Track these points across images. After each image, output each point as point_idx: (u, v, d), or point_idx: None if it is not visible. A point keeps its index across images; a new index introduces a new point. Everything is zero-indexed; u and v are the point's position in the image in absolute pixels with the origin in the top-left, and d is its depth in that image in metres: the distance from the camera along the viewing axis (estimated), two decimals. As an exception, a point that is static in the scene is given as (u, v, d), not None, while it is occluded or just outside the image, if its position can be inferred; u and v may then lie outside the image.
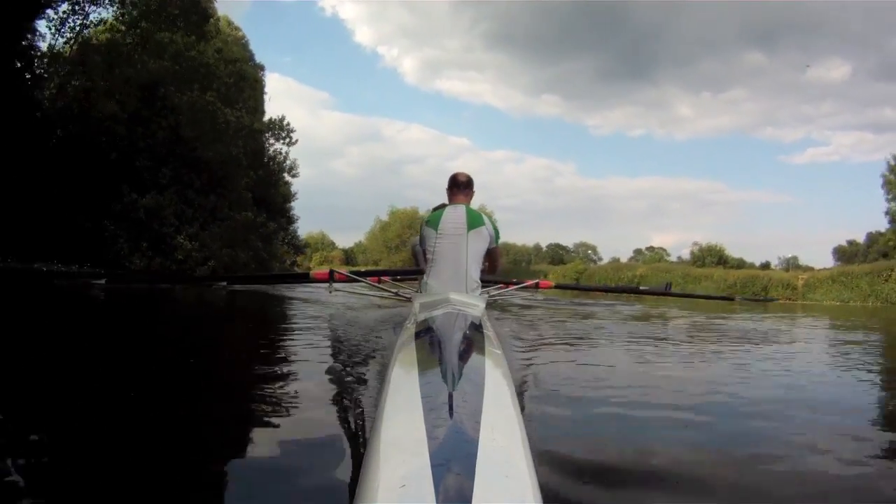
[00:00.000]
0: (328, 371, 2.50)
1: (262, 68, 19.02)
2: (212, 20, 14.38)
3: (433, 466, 0.68)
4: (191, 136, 11.70)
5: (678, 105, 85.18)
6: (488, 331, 1.79)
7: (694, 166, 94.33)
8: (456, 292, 2.34)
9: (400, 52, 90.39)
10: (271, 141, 17.76)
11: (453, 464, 0.69)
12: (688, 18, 75.41)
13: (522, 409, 1.01)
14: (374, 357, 2.77)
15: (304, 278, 5.21)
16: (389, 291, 4.05)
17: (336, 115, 77.66)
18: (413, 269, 4.85)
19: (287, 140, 18.36)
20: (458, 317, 1.80)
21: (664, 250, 56.04)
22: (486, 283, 3.54)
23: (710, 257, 46.41)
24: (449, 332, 1.62)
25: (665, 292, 9.07)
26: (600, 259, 57.51)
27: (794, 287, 24.41)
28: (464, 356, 1.29)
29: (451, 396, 0.91)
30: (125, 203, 10.35)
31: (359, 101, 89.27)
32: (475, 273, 2.90)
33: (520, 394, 1.98)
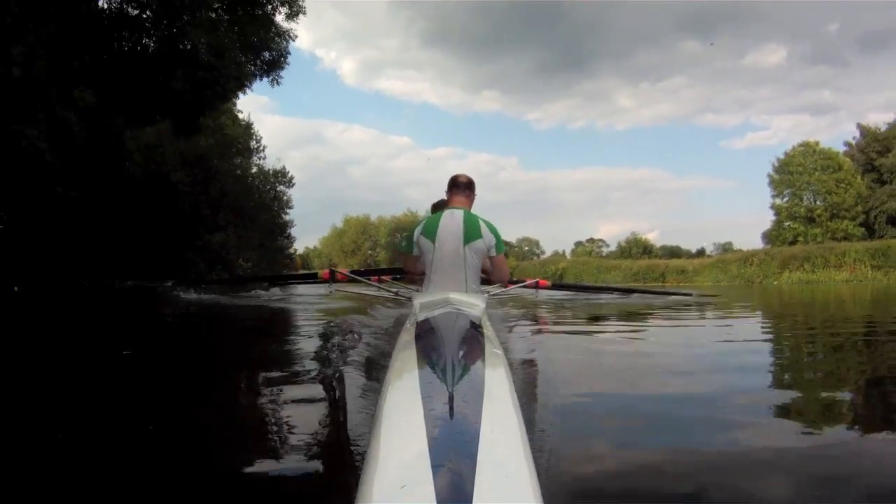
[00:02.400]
0: (328, 371, 2.50)
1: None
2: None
3: (433, 466, 0.68)
4: (233, 191, 18.33)
5: (618, 96, 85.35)
6: (488, 331, 1.79)
7: (636, 155, 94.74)
8: (455, 293, 2.34)
9: (338, 55, 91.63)
10: (279, 188, 24.15)
11: (453, 464, 0.69)
12: (623, 9, 75.34)
13: (522, 409, 1.01)
14: (373, 357, 2.76)
15: (313, 277, 5.40)
16: (389, 291, 4.05)
17: (277, 118, 77.97)
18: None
19: (287, 183, 24.24)
20: (458, 317, 1.80)
21: (604, 241, 56.93)
22: (484, 282, 3.53)
23: (636, 248, 47.71)
24: (449, 332, 1.62)
25: (667, 292, 9.17)
26: (543, 253, 57.68)
27: (686, 272, 29.85)
28: (464, 356, 1.29)
29: (451, 396, 0.91)
30: (203, 240, 16.01)
31: (299, 104, 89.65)
32: (475, 287, 2.76)
33: (520, 393, 1.98)
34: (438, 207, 3.54)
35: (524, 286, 4.80)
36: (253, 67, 12.20)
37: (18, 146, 7.11)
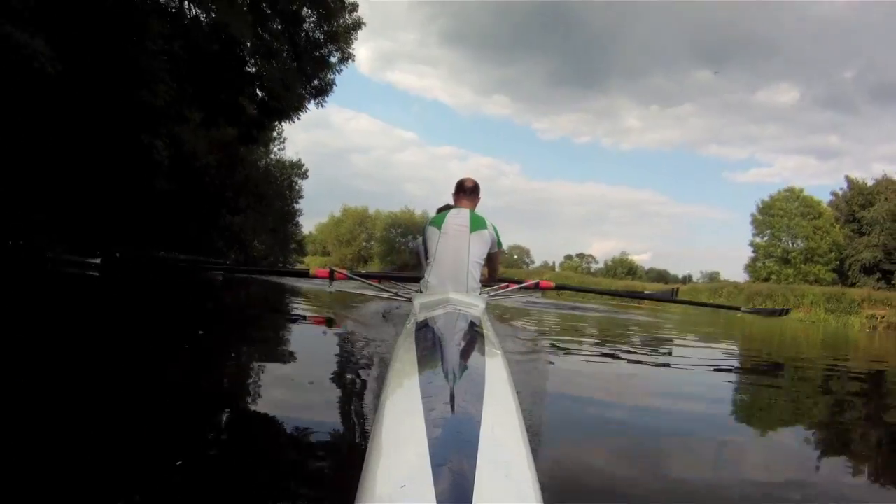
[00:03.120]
0: (328, 371, 2.50)
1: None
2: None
3: (433, 466, 0.68)
4: (255, 177, 19.61)
5: (627, 116, 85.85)
6: (488, 331, 1.79)
7: (638, 177, 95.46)
8: (456, 292, 2.34)
9: (355, 41, 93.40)
10: (294, 179, 25.27)
11: (453, 464, 0.69)
12: (639, 25, 75.68)
13: (522, 409, 1.01)
14: (374, 357, 2.76)
15: (305, 275, 5.24)
16: (389, 291, 4.05)
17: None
18: (413, 276, 4.83)
19: (302, 175, 25.37)
20: (458, 317, 1.80)
21: (593, 258, 58.31)
22: (485, 282, 3.53)
23: (621, 268, 49.09)
24: (449, 332, 1.62)
25: (671, 299, 9.09)
26: (533, 263, 58.04)
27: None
28: (464, 356, 1.29)
29: (451, 396, 0.91)
30: (225, 222, 17.42)
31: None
32: (476, 273, 2.87)
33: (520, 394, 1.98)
34: (444, 209, 3.58)
35: (525, 287, 4.78)
36: (304, 92, 14.50)
37: (150, 156, 10.30)
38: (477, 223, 2.88)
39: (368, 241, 53.96)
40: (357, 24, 14.08)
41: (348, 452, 1.42)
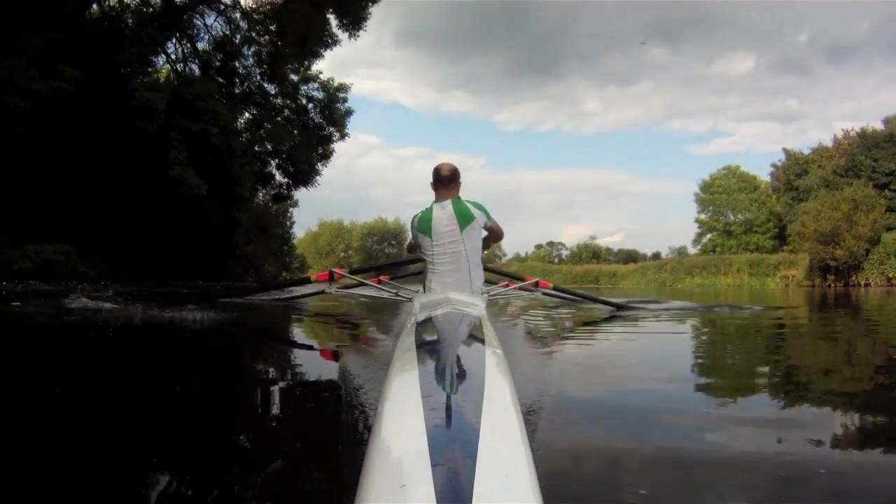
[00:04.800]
0: (328, 371, 2.50)
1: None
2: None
3: (433, 466, 0.68)
4: (257, 211, 23.71)
5: (586, 99, 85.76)
6: (488, 331, 1.78)
7: (602, 159, 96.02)
8: (456, 292, 2.34)
9: None
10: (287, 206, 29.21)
11: (453, 464, 0.69)
12: (592, 17, 75.63)
13: (522, 409, 1.01)
14: (374, 356, 2.76)
15: (307, 282, 5.34)
16: (389, 291, 4.05)
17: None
18: (410, 259, 4.89)
19: (293, 204, 28.85)
20: (458, 316, 1.80)
21: (563, 245, 58.98)
22: (486, 282, 3.54)
23: (586, 253, 50.13)
24: (449, 332, 1.62)
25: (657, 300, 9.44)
26: (505, 255, 58.46)
27: (616, 276, 35.41)
28: (464, 356, 1.29)
29: (450, 396, 0.91)
30: (242, 251, 20.55)
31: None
32: (477, 273, 2.86)
33: (520, 393, 1.98)
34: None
35: (524, 286, 4.79)
36: (315, 156, 20.53)
37: (237, 192, 17.68)
38: (463, 216, 2.79)
39: (346, 251, 57.14)
40: (349, 112, 20.26)
41: (348, 452, 1.42)
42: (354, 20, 16.47)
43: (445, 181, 2.88)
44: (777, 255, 31.62)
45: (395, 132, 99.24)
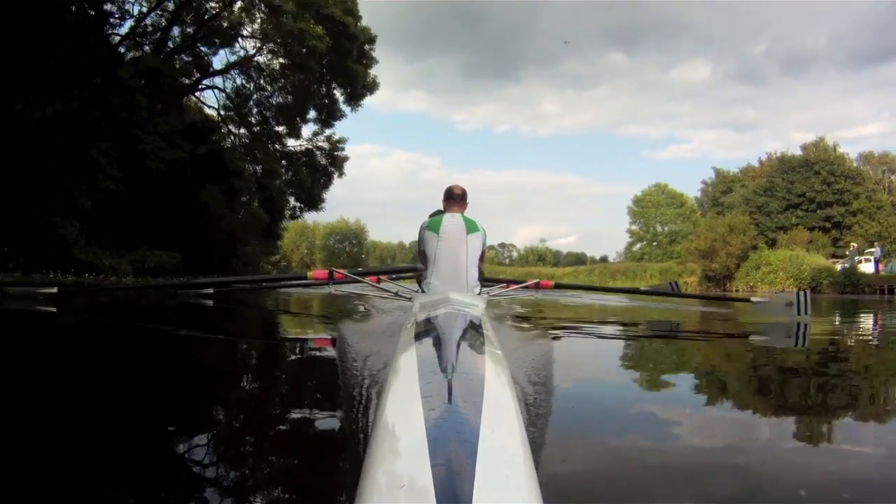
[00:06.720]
0: (328, 371, 2.50)
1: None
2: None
3: (433, 466, 0.68)
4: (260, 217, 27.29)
5: (544, 102, 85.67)
6: (488, 331, 1.79)
7: (559, 161, 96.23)
8: (456, 292, 2.34)
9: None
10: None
11: (453, 464, 0.69)
12: (550, 22, 75.88)
13: (522, 409, 1.01)
14: (373, 356, 2.76)
15: (303, 279, 5.25)
16: (389, 291, 4.04)
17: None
18: (409, 267, 4.88)
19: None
20: (458, 317, 1.80)
21: (514, 246, 60.09)
22: (486, 283, 3.55)
23: (532, 255, 51.35)
24: (449, 332, 1.62)
25: (672, 293, 8.96)
26: None
27: (552, 278, 37.52)
28: (464, 356, 1.29)
29: (450, 396, 0.91)
30: (242, 252, 23.50)
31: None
32: (474, 273, 3.10)
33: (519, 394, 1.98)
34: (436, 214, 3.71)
35: (525, 287, 4.80)
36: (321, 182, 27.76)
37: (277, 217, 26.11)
38: (471, 226, 3.13)
39: (310, 249, 58.89)
40: (346, 158, 27.76)
41: (348, 452, 1.42)
42: (354, 94, 25.67)
43: (457, 198, 3.26)
44: (684, 265, 36.47)
45: (349, 129, 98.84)
